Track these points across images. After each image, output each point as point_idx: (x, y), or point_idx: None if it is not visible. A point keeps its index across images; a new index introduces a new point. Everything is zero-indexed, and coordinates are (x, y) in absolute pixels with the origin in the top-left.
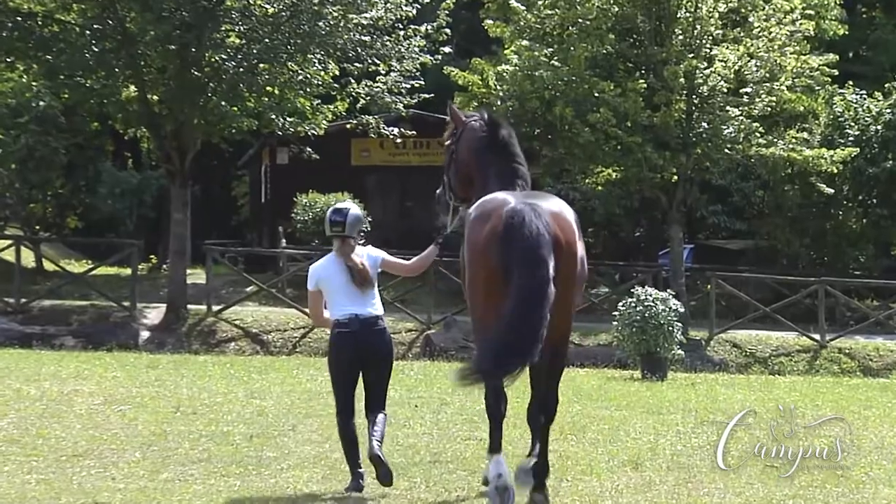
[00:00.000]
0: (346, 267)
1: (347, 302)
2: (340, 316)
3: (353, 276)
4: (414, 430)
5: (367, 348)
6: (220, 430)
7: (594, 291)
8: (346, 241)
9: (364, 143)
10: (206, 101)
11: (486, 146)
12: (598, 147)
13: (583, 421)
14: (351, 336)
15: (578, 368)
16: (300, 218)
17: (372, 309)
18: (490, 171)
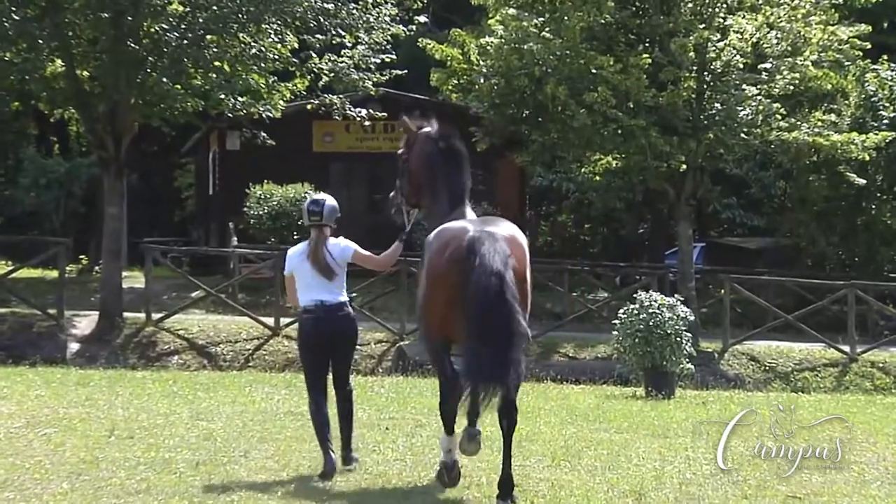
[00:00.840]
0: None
1: (314, 289)
2: (307, 303)
3: (315, 268)
4: (385, 457)
5: (332, 333)
6: (161, 457)
7: (591, 297)
8: (323, 229)
9: (327, 127)
10: (145, 78)
11: (437, 157)
12: (595, 131)
13: (578, 445)
14: (317, 321)
15: (573, 385)
16: (254, 212)
17: (337, 296)
18: (439, 182)
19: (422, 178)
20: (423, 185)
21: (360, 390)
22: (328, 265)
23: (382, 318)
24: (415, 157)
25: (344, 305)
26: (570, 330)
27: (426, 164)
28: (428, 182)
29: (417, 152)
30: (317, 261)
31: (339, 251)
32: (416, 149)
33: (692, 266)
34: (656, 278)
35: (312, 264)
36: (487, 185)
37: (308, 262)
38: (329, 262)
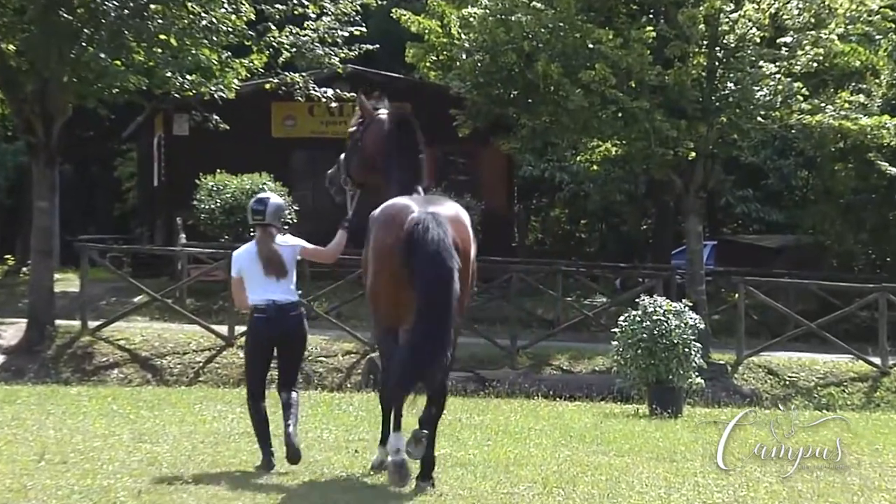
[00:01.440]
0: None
1: (265, 289)
2: (258, 302)
3: (265, 266)
4: (352, 483)
5: (283, 333)
6: (99, 485)
7: (587, 302)
8: (267, 229)
9: (288, 109)
10: (80, 53)
11: (393, 140)
12: (592, 114)
13: (572, 470)
14: (268, 321)
15: (567, 402)
16: (205, 206)
17: (289, 295)
18: (393, 165)
19: (376, 160)
20: (375, 167)
21: (326, 408)
22: (282, 262)
23: (351, 327)
24: (370, 138)
25: (297, 305)
26: (563, 339)
27: (382, 145)
28: (382, 164)
29: (374, 132)
30: (269, 259)
31: (287, 249)
32: (372, 129)
33: (702, 267)
34: (661, 281)
35: (264, 263)
36: (470, 176)
37: (259, 261)
38: (283, 259)
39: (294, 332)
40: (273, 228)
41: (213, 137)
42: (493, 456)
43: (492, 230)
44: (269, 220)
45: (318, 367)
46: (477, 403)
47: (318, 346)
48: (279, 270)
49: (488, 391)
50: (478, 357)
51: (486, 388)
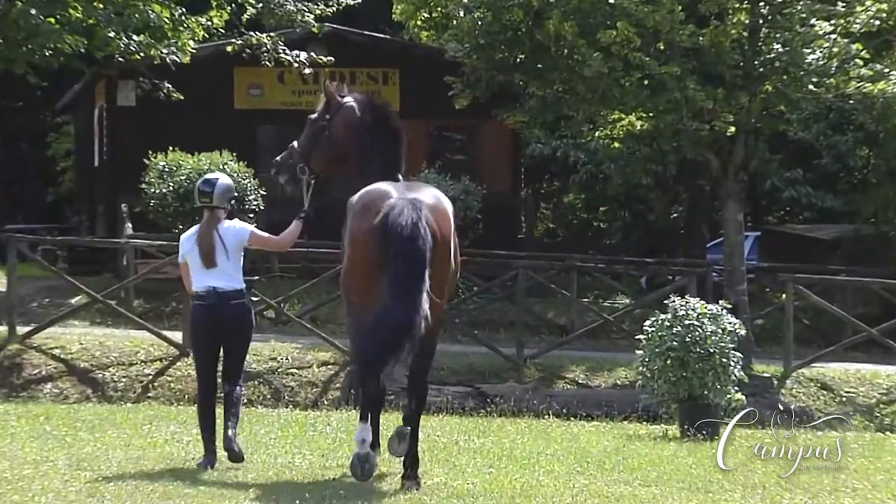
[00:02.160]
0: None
1: (206, 275)
2: (199, 289)
3: (200, 252)
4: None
5: (225, 322)
6: None
7: (607, 303)
8: (214, 212)
9: (254, 76)
10: (6, 10)
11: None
12: (613, 82)
13: (590, 502)
14: (208, 309)
15: (584, 422)
16: (155, 190)
17: (231, 282)
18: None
19: (347, 150)
20: (346, 158)
21: (299, 429)
22: (212, 250)
23: (328, 333)
24: (340, 126)
25: (240, 293)
26: (579, 348)
27: (356, 135)
28: (356, 155)
29: (344, 120)
30: (201, 244)
31: (232, 234)
32: (340, 117)
33: (743, 262)
34: (695, 279)
35: (199, 248)
36: (468, 155)
37: (197, 246)
38: (215, 245)
39: (235, 321)
40: (221, 211)
41: (165, 109)
42: (497, 485)
43: (494, 219)
44: (216, 201)
45: (289, 380)
46: (477, 423)
47: (289, 356)
48: (209, 259)
49: (490, 409)
50: (477, 369)
51: (488, 406)
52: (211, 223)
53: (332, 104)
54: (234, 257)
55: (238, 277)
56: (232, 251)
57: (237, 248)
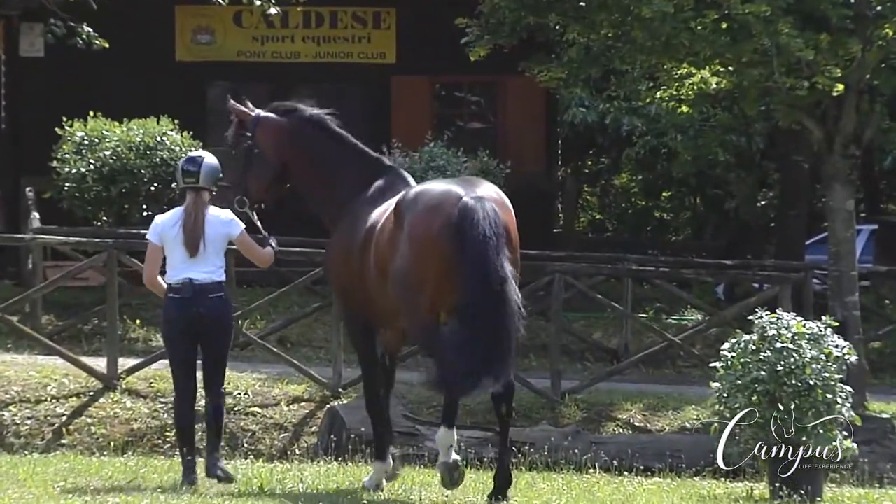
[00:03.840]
0: None
1: (184, 264)
2: (174, 280)
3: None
4: None
5: (202, 317)
6: None
7: (672, 320)
8: (201, 193)
9: (202, 18)
10: None
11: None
12: (681, 25)
13: None
14: (182, 303)
15: (641, 477)
16: (71, 170)
17: (211, 275)
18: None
19: (292, 159)
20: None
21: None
22: (196, 237)
23: (301, 360)
24: (270, 142)
25: (219, 286)
26: (635, 380)
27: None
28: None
29: (274, 134)
30: (188, 229)
31: (220, 225)
32: (267, 127)
33: (854, 266)
34: (789, 287)
35: (186, 235)
36: (488, 123)
37: (182, 232)
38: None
39: (213, 316)
40: (206, 193)
41: (84, 62)
42: None
43: (522, 208)
44: (203, 182)
45: (250, 423)
46: None
47: (249, 390)
48: (192, 246)
49: (518, 459)
50: None
51: (516, 455)
52: (198, 206)
53: (247, 121)
54: (217, 249)
55: (219, 270)
56: (215, 241)
57: (222, 240)
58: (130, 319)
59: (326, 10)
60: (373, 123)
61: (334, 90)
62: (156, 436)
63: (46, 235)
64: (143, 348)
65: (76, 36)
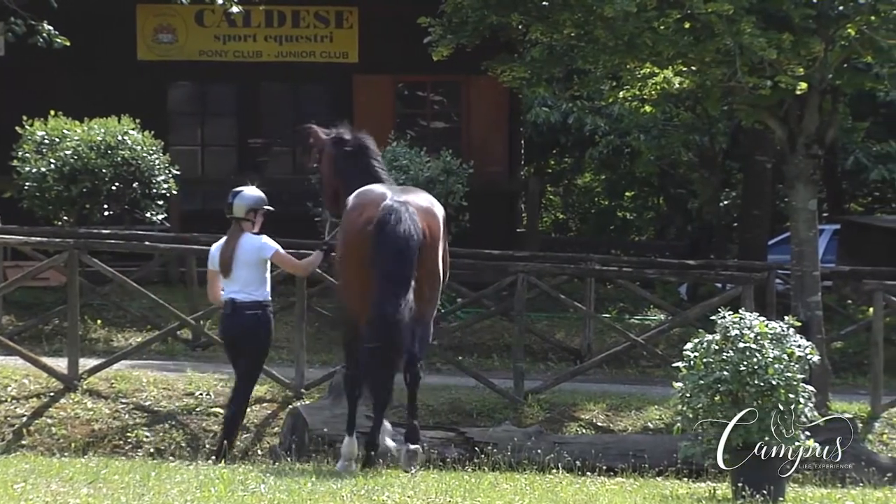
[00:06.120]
0: None
1: (227, 285)
2: (223, 300)
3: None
4: None
5: (238, 333)
6: None
7: (635, 320)
8: (238, 222)
9: (164, 16)
10: None
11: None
12: (644, 24)
13: None
14: (224, 319)
15: (604, 477)
16: (31, 169)
17: (249, 294)
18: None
19: (336, 185)
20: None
21: (224, 488)
22: (228, 261)
23: (265, 360)
24: (326, 168)
25: (256, 305)
26: (598, 380)
27: (334, 168)
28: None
29: (327, 162)
30: (222, 254)
31: (251, 249)
32: (325, 158)
33: (817, 266)
34: (752, 287)
35: (220, 258)
36: (451, 123)
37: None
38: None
39: (246, 332)
40: (246, 223)
41: (45, 60)
42: None
43: (485, 207)
44: (236, 213)
45: (211, 423)
46: (462, 480)
47: (211, 390)
48: (225, 269)
49: (480, 460)
50: (463, 407)
51: (477, 456)
52: (233, 234)
53: (319, 147)
54: (255, 270)
55: (258, 290)
56: (251, 264)
57: (258, 263)
58: (91, 319)
59: (288, 10)
60: (335, 123)
61: (296, 89)
62: (117, 436)
63: (6, 235)
64: (104, 348)
65: (37, 34)
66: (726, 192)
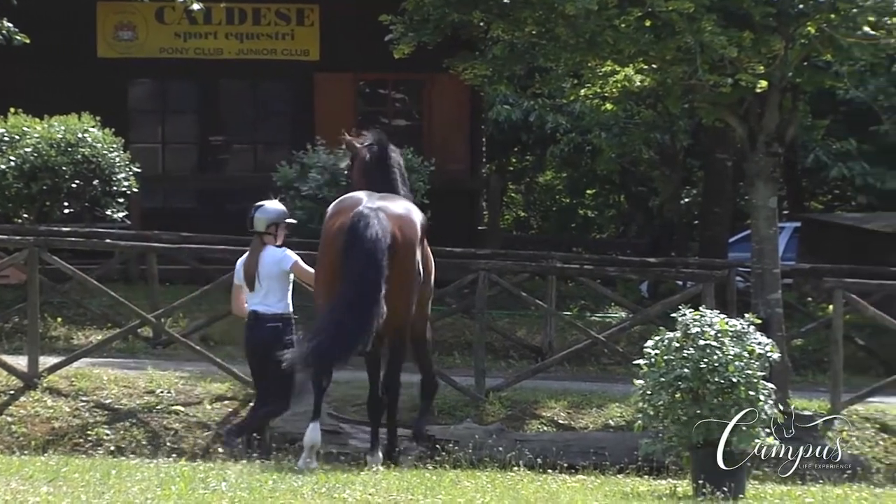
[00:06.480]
0: None
1: (250, 298)
2: (247, 311)
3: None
4: None
5: (258, 344)
6: None
7: (596, 318)
8: (260, 236)
9: (124, 14)
10: None
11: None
12: (605, 23)
13: None
14: (247, 329)
15: (565, 475)
16: None
17: (270, 307)
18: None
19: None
20: None
21: (184, 486)
22: (250, 274)
23: (225, 358)
24: (356, 175)
25: (277, 317)
26: (559, 377)
27: (359, 175)
28: None
29: (357, 169)
30: (245, 268)
31: (271, 262)
32: (356, 165)
33: (777, 263)
34: (712, 285)
35: (243, 271)
36: (412, 121)
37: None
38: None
39: (268, 343)
40: (269, 237)
41: (5, 57)
42: None
43: (447, 205)
44: (258, 227)
45: (172, 421)
46: (423, 478)
47: (172, 388)
48: (249, 282)
49: (441, 458)
50: None
51: (439, 454)
52: (256, 248)
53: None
54: (277, 283)
55: (279, 303)
56: (273, 277)
57: (279, 275)
58: (52, 317)
59: (249, 7)
60: (296, 120)
61: (257, 87)
62: (77, 435)
63: None
64: (64, 346)
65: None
66: (687, 190)
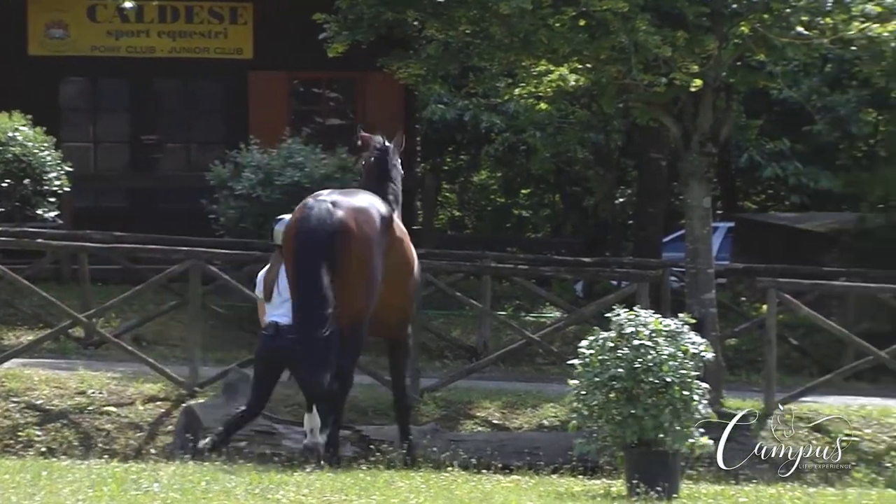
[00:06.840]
0: None
1: (271, 309)
2: (267, 321)
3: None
4: None
5: (279, 354)
6: None
7: (530, 318)
8: (278, 249)
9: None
10: None
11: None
12: (539, 22)
13: None
14: (264, 340)
15: (499, 475)
16: None
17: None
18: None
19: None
20: None
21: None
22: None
23: (157, 358)
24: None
25: None
26: (493, 377)
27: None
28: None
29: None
30: (265, 280)
31: None
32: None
33: (711, 263)
34: (647, 284)
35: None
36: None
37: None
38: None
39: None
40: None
41: None
42: None
43: None
44: (276, 240)
45: (103, 422)
46: (357, 478)
47: (104, 389)
48: (268, 294)
49: (375, 458)
50: (358, 405)
51: (372, 454)
52: (276, 260)
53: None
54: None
55: None
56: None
57: None
58: None
59: (182, 5)
60: (230, 119)
61: (190, 85)
62: (7, 435)
63: None
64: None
65: None
66: (621, 190)
